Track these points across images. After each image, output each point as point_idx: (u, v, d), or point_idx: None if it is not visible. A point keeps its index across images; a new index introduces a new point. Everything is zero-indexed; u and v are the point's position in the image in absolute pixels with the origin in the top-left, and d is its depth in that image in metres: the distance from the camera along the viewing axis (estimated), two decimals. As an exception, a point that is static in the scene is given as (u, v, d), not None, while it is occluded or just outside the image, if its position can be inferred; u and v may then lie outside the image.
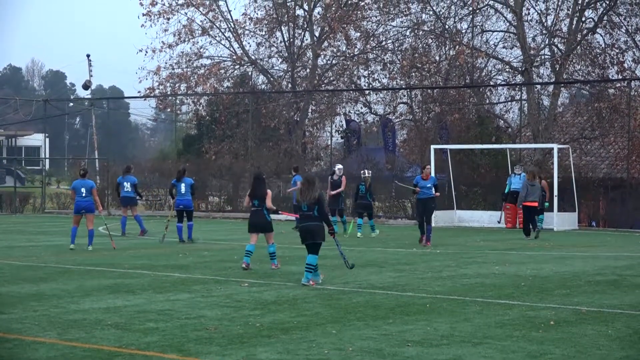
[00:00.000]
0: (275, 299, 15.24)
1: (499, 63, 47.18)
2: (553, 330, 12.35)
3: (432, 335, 11.91)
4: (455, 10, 46.45)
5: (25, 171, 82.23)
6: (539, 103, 45.29)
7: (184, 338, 11.61)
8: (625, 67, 44.73)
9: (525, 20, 44.49)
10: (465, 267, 20.60)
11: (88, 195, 25.14)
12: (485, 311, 14.00)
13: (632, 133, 41.45)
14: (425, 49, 47.59)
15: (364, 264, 21.32)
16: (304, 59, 50.73)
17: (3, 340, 11.40)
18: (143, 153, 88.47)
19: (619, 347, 11.16)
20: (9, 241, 28.02)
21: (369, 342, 11.34)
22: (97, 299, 15.08)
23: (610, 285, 17.50)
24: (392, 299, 15.35)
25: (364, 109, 50.96)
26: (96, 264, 20.78)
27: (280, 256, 23.16)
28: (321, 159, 52.30)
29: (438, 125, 46.39)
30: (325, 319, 13.20)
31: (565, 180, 37.51)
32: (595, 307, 14.44)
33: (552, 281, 18.02)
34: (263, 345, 11.17)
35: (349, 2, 48.86)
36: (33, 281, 17.51)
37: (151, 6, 49.52)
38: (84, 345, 11.10)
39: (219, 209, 48.05)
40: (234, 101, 50.79)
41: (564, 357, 10.50)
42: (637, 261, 22.64)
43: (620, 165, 44.04)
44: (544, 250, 25.66)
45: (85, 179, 25.61)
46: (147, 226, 31.15)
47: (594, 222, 40.72)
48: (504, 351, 10.86)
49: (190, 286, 16.85)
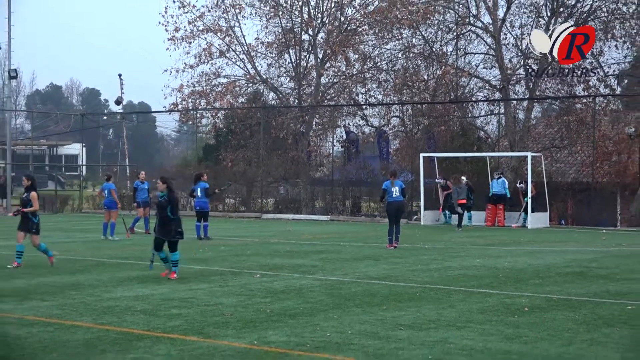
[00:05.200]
0: (283, 288, 15.24)
1: (480, 81, 47.13)
2: (527, 315, 12.34)
3: (421, 320, 11.90)
4: (441, 35, 46.45)
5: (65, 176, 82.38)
6: (515, 116, 45.24)
7: (203, 322, 11.61)
8: (590, 85, 44.69)
9: (503, 44, 44.45)
10: (450, 261, 20.60)
11: (109, 196, 27.86)
12: (468, 299, 14.00)
13: (596, 143, 41.50)
14: (415, 69, 47.60)
15: (362, 258, 21.33)
16: (309, 78, 50.70)
17: (46, 324, 11.40)
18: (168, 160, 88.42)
19: (585, 330, 11.14)
20: (50, 238, 27.98)
21: (366, 326, 11.33)
22: (127, 288, 15.08)
23: (577, 276, 17.49)
24: (386, 288, 15.34)
25: (361, 121, 50.96)
26: (126, 258, 20.79)
27: (289, 251, 23.20)
28: (324, 166, 52.34)
29: (426, 136, 46.39)
30: (327, 305, 13.19)
31: (538, 184, 37.55)
32: (564, 295, 14.43)
33: (526, 272, 18.01)
34: (273, 328, 11.16)
35: (348, 28, 48.90)
36: (71, 272, 17.52)
37: (175, 32, 49.58)
38: (116, 329, 11.11)
39: (234, 209, 48.09)
40: (247, 115, 50.79)
41: (537, 339, 10.49)
42: (601, 255, 22.62)
43: (586, 171, 44.04)
44: (519, 245, 25.66)
45: (109, 182, 28.60)
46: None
47: (563, 221, 40.71)
48: (484, 334, 10.86)
49: (209, 277, 16.85)
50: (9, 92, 65.41)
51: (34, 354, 9.51)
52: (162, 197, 16.63)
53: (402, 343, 10.21)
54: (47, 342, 10.21)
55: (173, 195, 16.65)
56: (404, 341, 10.33)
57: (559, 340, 10.48)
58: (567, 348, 9.98)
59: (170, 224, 16.39)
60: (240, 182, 49.72)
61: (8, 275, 16.65)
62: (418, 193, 39.50)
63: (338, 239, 28.29)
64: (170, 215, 16.39)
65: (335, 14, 49.13)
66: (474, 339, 10.47)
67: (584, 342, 10.38)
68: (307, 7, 49.07)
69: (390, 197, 24.42)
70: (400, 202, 24.71)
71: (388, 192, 24.48)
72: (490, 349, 9.90)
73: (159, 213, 16.64)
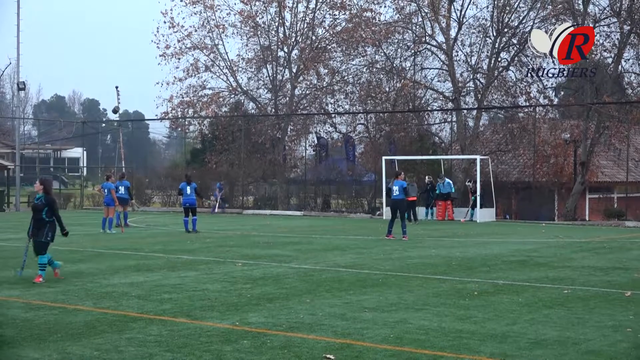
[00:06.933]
0: (262, 275, 15.20)
1: (435, 93, 47.33)
2: (476, 299, 12.38)
3: (384, 303, 11.90)
4: (400, 52, 46.58)
5: (68, 177, 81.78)
6: (465, 124, 45.43)
7: (191, 306, 11.56)
8: (531, 96, 45.00)
9: (455, 60, 44.65)
10: (409, 251, 20.62)
11: (108, 194, 27.62)
12: (425, 285, 14.02)
13: (536, 147, 41.75)
14: (378, 82, 47.71)
15: (332, 248, 21.31)
16: (284, 90, 50.65)
17: (51, 308, 11.32)
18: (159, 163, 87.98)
19: (527, 312, 11.19)
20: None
21: (335, 309, 11.32)
22: (123, 276, 15.00)
23: (520, 264, 17.57)
24: (353, 275, 15.34)
25: (330, 128, 50.98)
26: (123, 249, 20.68)
27: (267, 243, 23.14)
28: (298, 167, 52.36)
29: (388, 141, 46.47)
30: (301, 291, 13.17)
31: (485, 183, 37.69)
32: (509, 281, 14.49)
33: (475, 261, 18.07)
34: (253, 311, 11.13)
35: (319, 46, 48.90)
36: (73, 262, 17.40)
37: (166, 49, 49.46)
38: (113, 312, 11.04)
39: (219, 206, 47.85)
40: (230, 122, 50.71)
41: (485, 320, 10.52)
42: (541, 245, 22.74)
43: (527, 172, 44.30)
44: (470, 237, 25.74)
45: (108, 181, 28.20)
46: (161, 219, 30.94)
47: (508, 216, 40.92)
48: (439, 315, 10.87)
49: (196, 266, 16.78)
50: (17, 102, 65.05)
51: (41, 335, 9.43)
52: (38, 200, 14.53)
53: (367, 323, 10.21)
54: (52, 323, 10.14)
55: (50, 198, 14.50)
56: (368, 322, 10.33)
57: (505, 320, 10.52)
58: (511, 327, 10.02)
59: (44, 227, 14.34)
60: (224, 181, 49.63)
61: (16, 265, 16.49)
62: (381, 191, 39.55)
63: (310, 232, 28.27)
64: (45, 218, 14.33)
65: (307, 34, 49.13)
66: (430, 320, 10.49)
67: (527, 321, 10.42)
68: (283, 27, 49.04)
69: (393, 195, 24.66)
70: (401, 199, 24.62)
71: (392, 191, 24.74)
72: (444, 328, 9.92)
73: (34, 215, 14.49)
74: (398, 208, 24.61)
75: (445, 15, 44.24)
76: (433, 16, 44.29)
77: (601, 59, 42.34)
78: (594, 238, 26.03)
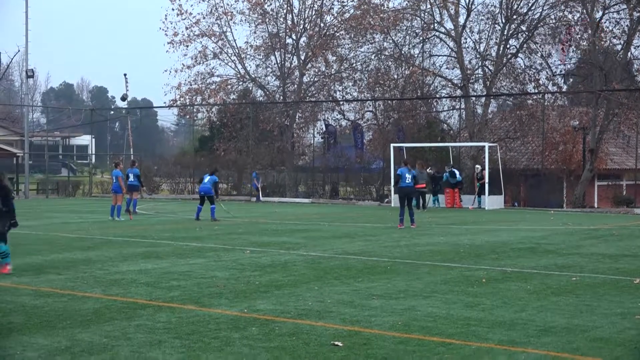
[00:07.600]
0: (270, 263, 15.21)
1: (443, 80, 47.25)
2: (485, 286, 12.36)
3: (392, 290, 11.90)
4: (409, 39, 46.51)
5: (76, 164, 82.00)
6: (474, 111, 45.35)
7: (200, 293, 11.58)
8: (540, 83, 44.88)
9: (463, 47, 44.54)
10: (417, 238, 20.62)
11: (117, 181, 27.55)
12: (433, 272, 14.01)
13: (545, 134, 41.63)
14: (386, 69, 47.67)
15: (340, 235, 21.32)
16: (292, 77, 50.61)
17: (60, 295, 11.35)
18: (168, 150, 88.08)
19: (535, 299, 11.18)
20: (64, 219, 27.92)
21: (343, 296, 11.32)
22: (132, 263, 15.03)
23: (529, 251, 17.54)
24: (361, 262, 15.34)
25: (339, 115, 51.00)
26: (131, 236, 20.72)
27: (275, 230, 23.18)
28: (306, 155, 52.40)
29: (396, 128, 46.42)
30: (309, 278, 13.18)
31: (494, 170, 37.65)
32: (517, 268, 14.47)
33: (484, 248, 18.05)
34: (261, 298, 11.14)
35: (327, 33, 48.81)
36: (82, 249, 17.44)
37: (174, 36, 49.46)
38: (122, 299, 11.06)
39: (226, 193, 47.95)
40: (238, 110, 50.69)
41: (493, 307, 10.52)
42: (550, 232, 22.70)
43: (536, 159, 44.26)
44: (478, 224, 25.72)
45: (117, 169, 27.51)
46: (169, 207, 30.98)
47: (516, 203, 40.91)
48: (447, 302, 10.87)
49: (205, 253, 16.80)
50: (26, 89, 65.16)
51: (50, 321, 9.46)
52: None
53: (375, 311, 10.21)
54: (61, 310, 10.16)
55: (4, 186, 13.93)
56: (376, 309, 10.33)
57: (513, 307, 10.51)
58: (520, 314, 10.01)
59: (3, 216, 13.77)
60: (232, 169, 49.71)
61: (25, 252, 16.54)
62: (389, 178, 39.53)
63: (318, 219, 28.28)
64: (2, 207, 13.75)
65: (315, 21, 49.04)
66: (438, 307, 10.48)
67: (535, 309, 10.41)
68: (291, 14, 48.99)
69: (403, 183, 24.10)
70: (411, 187, 24.33)
71: (402, 178, 24.17)
72: (452, 316, 9.91)
73: None
74: (407, 195, 24.39)
75: (454, 2, 44.10)
76: (442, 3, 44.16)
77: (610, 46, 42.18)
78: (602, 225, 25.97)
